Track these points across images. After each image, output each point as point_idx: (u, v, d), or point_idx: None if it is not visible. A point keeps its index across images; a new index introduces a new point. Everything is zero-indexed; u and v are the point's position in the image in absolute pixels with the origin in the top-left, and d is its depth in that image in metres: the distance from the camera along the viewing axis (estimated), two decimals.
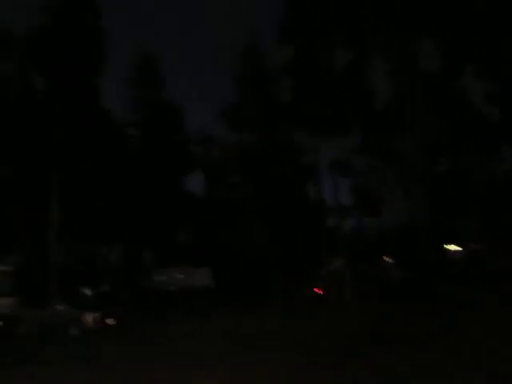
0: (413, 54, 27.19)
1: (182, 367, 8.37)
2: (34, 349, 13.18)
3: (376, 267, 31.02)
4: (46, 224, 23.92)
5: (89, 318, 15.92)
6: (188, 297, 24.41)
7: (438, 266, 23.65)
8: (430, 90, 27.95)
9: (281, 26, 31.13)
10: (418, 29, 27.13)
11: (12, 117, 27.79)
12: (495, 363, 6.70)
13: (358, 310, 17.69)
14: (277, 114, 30.88)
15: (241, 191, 36.23)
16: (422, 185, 24.54)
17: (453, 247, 31.02)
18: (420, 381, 6.06)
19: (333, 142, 29.16)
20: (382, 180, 35.90)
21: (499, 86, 34.14)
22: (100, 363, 9.45)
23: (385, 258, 32.82)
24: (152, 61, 35.27)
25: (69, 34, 24.61)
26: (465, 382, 5.82)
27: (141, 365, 9.04)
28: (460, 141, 29.25)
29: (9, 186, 29.82)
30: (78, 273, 30.73)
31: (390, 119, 31.07)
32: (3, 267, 21.26)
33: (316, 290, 26.35)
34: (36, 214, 25.47)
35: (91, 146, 25.32)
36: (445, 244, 33.27)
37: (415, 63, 26.97)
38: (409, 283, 24.83)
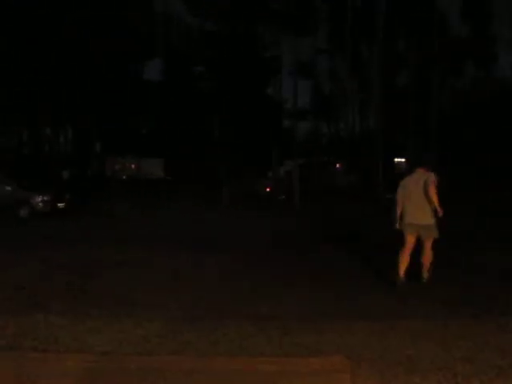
0: None
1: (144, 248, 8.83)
2: None
3: (326, 172, 32.01)
4: None
5: (38, 200, 15.92)
6: (139, 186, 24.66)
7: (384, 175, 24.82)
8: None
9: None
10: None
11: None
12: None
13: (304, 212, 18.62)
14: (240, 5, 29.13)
15: (201, 83, 35.14)
16: (379, 96, 24.72)
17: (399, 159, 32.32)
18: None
19: (296, 40, 28.18)
20: (342, 86, 35.80)
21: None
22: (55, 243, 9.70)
23: (336, 164, 33.81)
24: None
25: None
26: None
27: (103, 245, 9.41)
28: (424, 54, 29.10)
29: None
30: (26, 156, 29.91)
31: (357, 22, 30.20)
32: None
33: (267, 189, 27.24)
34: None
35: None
36: (394, 156, 34.44)
37: None
38: (355, 189, 26.10)
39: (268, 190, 26.94)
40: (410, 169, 6.72)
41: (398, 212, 6.35)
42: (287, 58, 31.91)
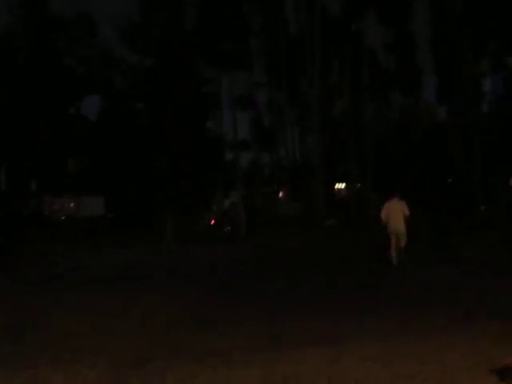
0: None
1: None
2: None
3: (271, 202, 32.36)
4: None
5: None
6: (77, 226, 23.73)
7: (325, 202, 25.44)
8: (330, 33, 28.53)
9: None
10: None
11: None
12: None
13: (250, 243, 18.60)
14: (178, 40, 29.47)
15: (142, 118, 34.81)
16: (317, 126, 25.59)
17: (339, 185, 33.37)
18: None
19: (235, 75, 28.80)
20: (282, 117, 36.77)
21: (396, 33, 35.71)
22: None
23: (279, 193, 34.33)
24: None
25: None
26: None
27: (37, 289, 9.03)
28: (357, 85, 30.55)
29: None
30: None
31: (293, 58, 31.40)
32: None
33: (211, 222, 26.99)
34: None
35: None
36: (335, 182, 35.48)
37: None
38: (298, 218, 26.49)
39: (213, 222, 26.76)
40: (388, 197, 10.87)
41: (384, 222, 10.52)
42: (226, 90, 32.43)
